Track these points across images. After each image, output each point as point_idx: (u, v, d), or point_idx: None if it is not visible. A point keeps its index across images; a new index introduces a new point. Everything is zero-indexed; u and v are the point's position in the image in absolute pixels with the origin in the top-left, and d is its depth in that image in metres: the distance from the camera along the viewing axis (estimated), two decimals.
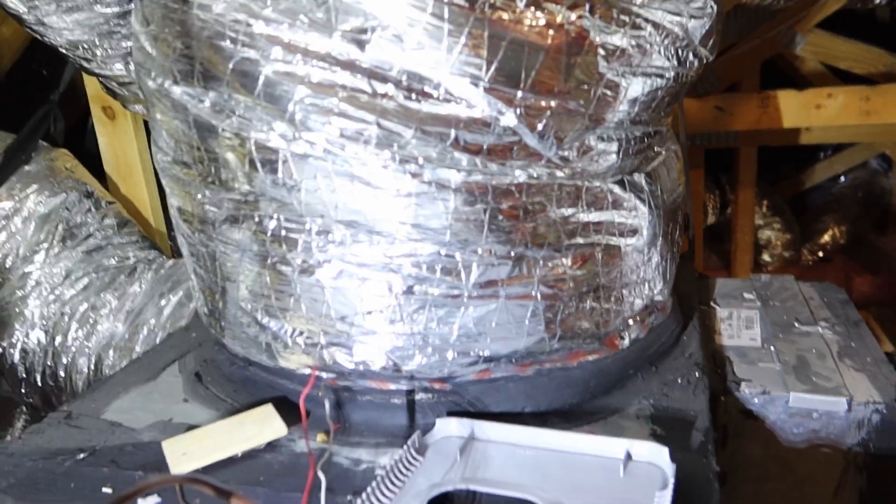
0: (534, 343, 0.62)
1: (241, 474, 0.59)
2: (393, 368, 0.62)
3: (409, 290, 0.59)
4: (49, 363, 1.07)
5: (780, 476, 0.73)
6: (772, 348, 0.79)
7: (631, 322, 0.69)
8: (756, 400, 0.72)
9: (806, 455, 0.72)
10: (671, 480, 0.52)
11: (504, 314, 0.60)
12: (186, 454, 0.60)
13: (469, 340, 0.61)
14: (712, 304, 0.91)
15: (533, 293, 0.61)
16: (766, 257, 3.14)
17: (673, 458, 0.54)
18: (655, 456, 0.55)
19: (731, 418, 0.73)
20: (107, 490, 0.58)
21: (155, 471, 0.59)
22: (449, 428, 0.61)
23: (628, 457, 0.56)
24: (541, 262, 0.61)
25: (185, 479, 0.30)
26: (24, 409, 1.24)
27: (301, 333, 0.63)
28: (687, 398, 0.67)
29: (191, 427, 0.66)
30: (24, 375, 1.09)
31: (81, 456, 0.63)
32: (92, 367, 1.05)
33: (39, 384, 1.08)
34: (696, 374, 0.70)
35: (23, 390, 1.10)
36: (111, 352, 1.05)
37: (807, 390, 0.71)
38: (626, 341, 0.69)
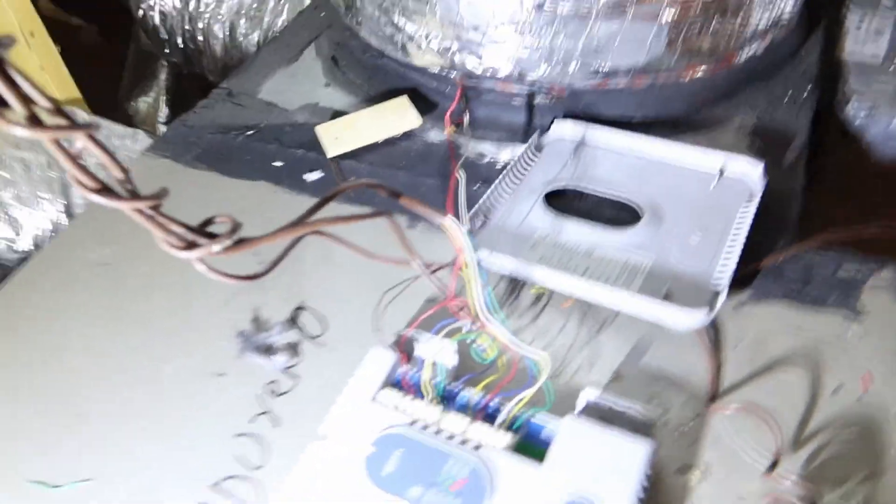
0: (653, 60, 0.66)
1: (383, 158, 0.70)
2: (517, 75, 0.67)
3: (539, 6, 0.61)
4: (187, 27, 1.16)
5: (858, 184, 0.79)
6: (892, 67, 0.79)
7: (752, 39, 0.70)
8: (861, 115, 0.75)
9: (888, 174, 0.77)
10: (758, 196, 0.59)
11: (629, 33, 0.62)
12: (338, 139, 0.71)
13: (591, 55, 0.64)
14: (844, 7, 0.87)
15: (660, 12, 0.62)
16: None
17: (765, 173, 0.59)
18: (748, 171, 0.61)
19: (829, 134, 0.77)
20: (276, 164, 0.71)
21: (312, 151, 0.71)
22: (564, 129, 0.68)
23: (722, 171, 0.62)
24: None
25: (368, 184, 0.40)
26: (164, 63, 1.37)
27: (435, 38, 0.68)
28: (790, 115, 0.71)
29: (336, 112, 0.76)
30: (167, 36, 1.19)
31: (250, 132, 0.75)
32: (227, 33, 1.14)
33: (181, 45, 1.19)
34: (807, 90, 0.73)
35: (166, 50, 1.21)
36: (242, 20, 1.12)
37: None
38: (743, 58, 0.70)
